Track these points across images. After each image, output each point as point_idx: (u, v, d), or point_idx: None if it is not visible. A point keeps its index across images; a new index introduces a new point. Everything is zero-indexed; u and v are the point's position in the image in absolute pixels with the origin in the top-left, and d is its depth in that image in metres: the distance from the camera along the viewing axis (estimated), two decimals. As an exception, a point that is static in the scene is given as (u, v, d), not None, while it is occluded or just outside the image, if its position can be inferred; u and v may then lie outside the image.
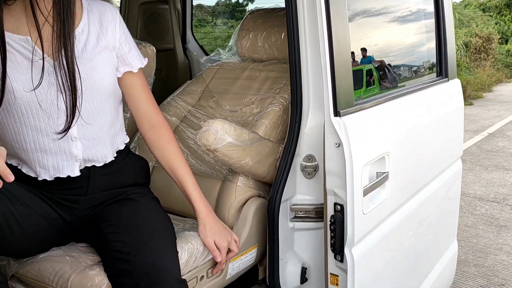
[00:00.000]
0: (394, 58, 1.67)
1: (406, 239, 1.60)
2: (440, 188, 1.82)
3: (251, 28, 1.80)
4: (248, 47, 1.80)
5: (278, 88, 1.69)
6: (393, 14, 1.69)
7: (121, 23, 1.26)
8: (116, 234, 1.13)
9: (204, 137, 1.28)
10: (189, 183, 1.27)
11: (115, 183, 1.28)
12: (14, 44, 1.11)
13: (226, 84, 1.81)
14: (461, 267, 2.60)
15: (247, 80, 1.79)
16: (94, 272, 1.11)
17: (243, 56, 1.86)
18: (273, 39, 1.75)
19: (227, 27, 10.52)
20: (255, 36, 1.78)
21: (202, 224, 1.26)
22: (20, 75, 1.10)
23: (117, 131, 1.30)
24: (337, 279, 1.33)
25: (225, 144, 1.30)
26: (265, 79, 1.76)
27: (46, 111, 1.13)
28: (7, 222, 1.07)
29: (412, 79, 1.79)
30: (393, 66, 1.67)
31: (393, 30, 1.69)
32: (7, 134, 1.17)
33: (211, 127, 1.28)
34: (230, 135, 1.31)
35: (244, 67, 1.84)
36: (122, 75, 1.26)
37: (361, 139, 1.30)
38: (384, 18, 1.64)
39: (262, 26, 1.78)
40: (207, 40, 8.80)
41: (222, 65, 1.88)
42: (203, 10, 10.13)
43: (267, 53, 1.78)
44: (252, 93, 1.73)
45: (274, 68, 1.77)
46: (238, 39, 1.83)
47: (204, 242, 1.25)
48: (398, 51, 1.71)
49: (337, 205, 1.27)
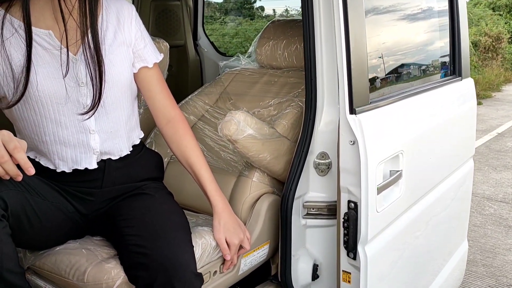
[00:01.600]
0: (409, 56, 1.67)
1: (418, 238, 1.60)
2: (452, 187, 1.81)
3: (271, 37, 1.83)
4: (268, 54, 1.84)
5: (296, 93, 1.70)
6: (409, 12, 1.68)
7: (137, 20, 1.28)
8: (132, 227, 1.14)
9: (226, 127, 1.29)
10: (205, 177, 1.28)
11: (129, 176, 1.29)
12: (36, 37, 1.12)
13: (244, 88, 1.84)
14: (469, 267, 2.59)
15: (266, 85, 1.82)
16: (110, 265, 1.12)
17: (261, 63, 1.89)
18: (292, 47, 1.78)
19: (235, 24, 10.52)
20: (275, 44, 1.82)
21: (217, 219, 1.26)
22: (41, 68, 1.12)
23: (133, 125, 1.31)
24: (349, 276, 1.33)
25: (246, 135, 1.31)
26: (283, 84, 1.78)
27: (67, 104, 1.15)
28: (26, 214, 1.09)
29: (426, 77, 1.78)
30: (407, 64, 1.66)
31: (408, 29, 1.68)
32: (27, 127, 1.18)
33: (234, 117, 1.30)
34: (251, 127, 1.32)
35: (263, 73, 1.87)
36: (138, 70, 1.28)
37: (376, 137, 1.30)
38: (400, 16, 1.64)
39: (283, 35, 1.81)
40: (215, 37, 8.80)
41: (240, 71, 1.92)
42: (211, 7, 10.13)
43: (286, 61, 1.81)
44: (270, 96, 1.75)
45: (293, 74, 1.79)
46: (258, 46, 1.87)
47: (216, 238, 1.25)
48: (413, 49, 1.70)
49: (350, 203, 1.27)
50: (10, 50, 1.10)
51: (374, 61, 1.43)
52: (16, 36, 1.11)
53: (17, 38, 1.11)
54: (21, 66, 1.10)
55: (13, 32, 1.11)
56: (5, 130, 0.96)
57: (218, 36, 9.11)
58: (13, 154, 0.93)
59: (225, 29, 9.90)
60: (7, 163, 0.93)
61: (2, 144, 0.93)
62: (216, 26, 9.97)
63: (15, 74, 1.11)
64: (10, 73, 1.11)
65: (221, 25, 10.22)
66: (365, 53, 1.29)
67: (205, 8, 2.98)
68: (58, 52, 1.13)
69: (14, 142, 0.93)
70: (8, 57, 1.10)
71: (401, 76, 1.62)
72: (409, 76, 1.66)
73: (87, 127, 1.19)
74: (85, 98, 1.16)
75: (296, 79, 1.75)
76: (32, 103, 1.13)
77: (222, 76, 1.92)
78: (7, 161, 0.93)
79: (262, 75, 1.86)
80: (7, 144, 0.93)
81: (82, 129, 1.18)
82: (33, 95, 1.12)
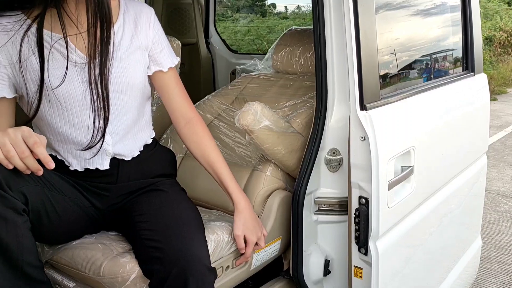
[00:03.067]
0: (420, 52, 1.66)
1: (430, 234, 1.60)
2: (464, 183, 1.80)
3: (288, 44, 1.88)
4: (284, 61, 1.88)
5: (311, 94, 1.72)
6: (419, 7, 1.67)
7: (155, 24, 1.29)
8: (146, 222, 1.16)
9: (243, 117, 1.31)
10: (226, 175, 1.30)
11: (143, 172, 1.31)
12: (50, 40, 1.14)
13: (260, 90, 1.88)
14: (483, 264, 2.57)
15: (281, 88, 1.85)
16: (125, 260, 1.14)
17: (277, 69, 1.93)
18: (308, 54, 1.83)
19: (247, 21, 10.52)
20: (291, 51, 1.87)
21: (238, 216, 1.28)
22: (55, 71, 1.14)
23: (144, 126, 1.33)
24: (361, 271, 1.34)
25: (262, 126, 1.33)
26: (299, 88, 1.81)
27: (79, 106, 1.17)
28: (45, 209, 1.11)
29: (438, 73, 1.78)
30: (419, 60, 1.66)
31: (419, 24, 1.68)
32: (43, 127, 1.21)
33: (251, 108, 1.32)
34: (268, 119, 1.34)
35: (279, 77, 1.91)
36: (152, 73, 1.30)
37: (387, 133, 1.30)
38: (410, 11, 1.63)
39: (299, 42, 1.86)
40: (227, 35, 8.82)
41: (257, 75, 1.95)
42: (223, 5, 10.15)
43: (302, 66, 1.85)
44: (285, 98, 1.78)
45: (308, 79, 1.83)
46: (275, 53, 1.91)
47: (235, 234, 1.27)
48: (424, 45, 1.69)
49: (362, 198, 1.28)
50: (29, 56, 1.13)
51: (385, 57, 1.43)
52: (35, 45, 1.13)
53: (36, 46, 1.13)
54: (36, 70, 1.13)
55: (35, 41, 1.13)
56: (25, 126, 0.99)
57: (230, 34, 9.13)
58: (33, 149, 0.95)
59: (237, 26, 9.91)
60: (28, 158, 0.96)
61: (23, 140, 0.95)
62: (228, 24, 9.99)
63: (32, 78, 1.14)
64: (25, 76, 1.13)
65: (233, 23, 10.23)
66: (375, 49, 1.30)
67: (217, 6, 3.01)
68: (72, 56, 1.15)
69: (34, 137, 0.96)
70: (28, 63, 1.13)
71: (413, 71, 1.62)
72: (421, 71, 1.66)
73: (99, 129, 1.21)
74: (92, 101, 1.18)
75: (312, 83, 1.77)
76: (48, 104, 1.16)
77: (239, 79, 1.97)
78: (28, 156, 0.95)
79: (278, 79, 1.89)
80: (27, 140, 0.95)
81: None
82: (48, 97, 1.15)
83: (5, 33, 1.12)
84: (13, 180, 1.01)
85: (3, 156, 0.95)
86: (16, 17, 1.13)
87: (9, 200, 0.99)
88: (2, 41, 1.11)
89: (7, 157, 0.95)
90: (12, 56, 1.13)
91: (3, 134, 0.96)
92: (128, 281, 1.12)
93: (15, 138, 0.95)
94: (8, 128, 0.97)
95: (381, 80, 1.36)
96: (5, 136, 0.95)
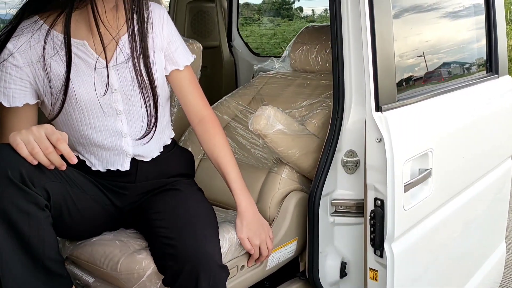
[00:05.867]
0: (441, 54, 1.64)
1: (449, 238, 1.57)
2: (488, 187, 1.77)
3: (305, 41, 1.87)
4: (301, 59, 1.87)
5: (328, 94, 1.72)
6: (440, 8, 1.65)
7: (168, 23, 1.31)
8: (162, 220, 1.18)
9: (256, 122, 1.32)
10: (231, 175, 1.31)
11: (161, 172, 1.34)
12: (73, 48, 1.17)
13: (277, 90, 1.88)
14: (509, 270, 2.50)
15: (298, 87, 1.85)
16: (141, 256, 1.17)
17: (295, 68, 1.93)
18: (325, 51, 1.81)
19: (273, 25, 10.54)
20: (309, 49, 1.86)
21: (239, 218, 1.29)
22: (78, 77, 1.18)
23: (164, 127, 1.36)
24: (376, 274, 1.33)
25: (275, 130, 1.34)
26: (316, 87, 1.81)
27: (100, 109, 1.21)
28: (66, 205, 1.15)
29: (460, 75, 1.75)
30: (440, 62, 1.64)
31: (440, 25, 1.66)
32: (66, 130, 1.25)
33: (264, 112, 1.33)
34: (281, 122, 1.35)
35: (296, 76, 1.91)
36: (169, 73, 1.33)
37: (404, 135, 1.29)
38: (431, 12, 1.62)
39: (316, 40, 1.85)
40: (252, 38, 8.86)
41: (274, 74, 1.96)
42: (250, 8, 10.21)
43: (319, 65, 1.84)
44: (302, 98, 1.78)
45: (326, 77, 1.82)
46: (292, 51, 1.90)
47: (238, 237, 1.28)
48: (446, 47, 1.67)
49: (377, 200, 1.27)
50: (52, 63, 1.17)
51: (403, 59, 1.43)
52: (56, 49, 1.17)
53: (57, 50, 1.17)
54: (60, 76, 1.17)
55: (55, 46, 1.17)
56: (48, 124, 1.03)
57: (256, 37, 9.16)
58: (56, 145, 0.99)
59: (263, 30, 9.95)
60: (51, 154, 0.99)
61: (46, 137, 0.99)
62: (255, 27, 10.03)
63: (55, 84, 1.17)
64: (50, 83, 1.18)
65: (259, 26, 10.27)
66: (392, 51, 1.29)
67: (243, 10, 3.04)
68: (92, 61, 1.19)
69: (56, 134, 1.00)
70: (49, 68, 1.17)
71: (433, 73, 1.60)
72: (442, 73, 1.63)
73: (120, 131, 1.25)
74: (117, 103, 1.22)
75: (329, 81, 1.76)
76: (69, 109, 1.20)
77: (256, 79, 1.97)
78: (51, 152, 0.99)
79: (295, 78, 1.89)
80: (50, 137, 0.99)
81: (115, 132, 1.24)
82: (70, 102, 1.19)
83: (26, 37, 1.15)
84: (36, 177, 1.05)
85: (28, 153, 0.99)
86: (36, 22, 1.17)
87: (32, 196, 1.03)
88: (24, 46, 1.15)
89: (32, 154, 0.99)
90: (32, 61, 1.16)
91: (27, 132, 1.00)
92: (143, 277, 1.14)
93: (39, 135, 0.99)
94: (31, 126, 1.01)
95: (399, 82, 1.35)
96: (29, 134, 0.99)
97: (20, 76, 1.17)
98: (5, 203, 0.99)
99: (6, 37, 1.16)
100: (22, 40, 1.16)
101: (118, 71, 1.21)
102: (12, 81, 1.16)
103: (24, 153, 0.99)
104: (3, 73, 1.16)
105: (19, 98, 1.18)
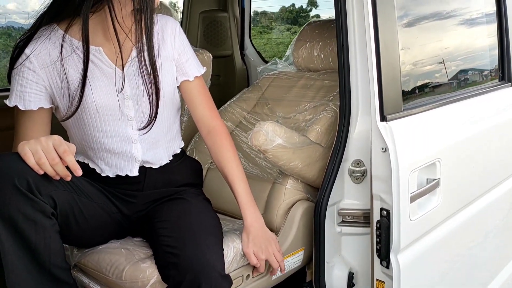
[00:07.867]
0: (450, 63, 1.62)
1: (460, 249, 1.54)
2: (501, 197, 1.73)
3: (307, 39, 1.84)
4: (305, 57, 1.85)
5: (331, 96, 1.70)
6: (449, 17, 1.64)
7: (180, 35, 1.34)
8: (166, 229, 1.20)
9: (255, 138, 1.33)
10: (238, 189, 1.31)
11: (169, 181, 1.35)
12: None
13: (281, 92, 1.86)
14: (528, 283, 2.44)
15: (302, 89, 1.83)
16: (145, 265, 1.18)
17: (299, 66, 1.90)
18: (328, 49, 1.78)
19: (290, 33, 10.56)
20: (311, 46, 1.83)
21: (245, 233, 1.29)
22: (92, 83, 1.21)
23: (174, 136, 1.38)
24: (383, 285, 1.31)
25: (275, 145, 1.34)
26: (319, 88, 1.79)
27: (112, 115, 1.24)
28: (73, 213, 1.17)
29: (471, 83, 1.73)
30: (449, 70, 1.62)
31: (450, 33, 1.64)
32: (78, 134, 1.28)
33: (262, 128, 1.33)
34: (280, 137, 1.35)
35: (300, 76, 1.88)
36: (179, 83, 1.35)
37: (409, 145, 1.28)
38: (440, 21, 1.60)
39: (319, 37, 1.82)
40: (269, 46, 8.89)
41: (278, 74, 1.94)
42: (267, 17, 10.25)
43: (322, 63, 1.82)
44: (306, 100, 1.76)
45: (329, 77, 1.79)
46: (295, 49, 1.88)
47: (244, 251, 1.28)
48: (455, 56, 1.65)
49: (383, 210, 1.26)
50: (68, 68, 1.20)
51: (410, 68, 1.42)
52: (73, 55, 1.20)
53: (74, 56, 1.21)
54: (76, 82, 1.20)
55: (71, 51, 1.20)
56: (56, 135, 1.05)
57: (272, 46, 9.19)
58: (63, 157, 1.02)
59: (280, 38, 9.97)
60: (57, 165, 1.02)
61: (53, 148, 1.02)
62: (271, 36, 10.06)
63: (70, 89, 1.21)
64: (66, 89, 1.21)
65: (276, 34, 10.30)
66: (397, 60, 1.28)
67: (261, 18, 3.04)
68: (107, 68, 1.22)
69: (63, 146, 1.02)
70: (65, 73, 1.20)
71: (442, 82, 1.58)
72: (451, 82, 1.62)
73: (130, 137, 1.27)
74: (128, 109, 1.25)
75: (332, 81, 1.75)
76: (82, 114, 1.23)
77: (260, 81, 1.95)
78: (57, 163, 1.02)
79: (299, 79, 1.87)
80: (57, 148, 1.02)
81: (126, 138, 1.27)
82: (83, 107, 1.22)
83: (43, 43, 1.19)
84: (43, 185, 1.07)
85: (35, 162, 1.02)
86: (53, 28, 1.21)
87: (38, 204, 1.05)
88: (40, 51, 1.19)
89: (39, 164, 1.02)
90: (48, 66, 1.19)
91: (35, 142, 1.02)
92: (147, 286, 1.15)
93: (47, 146, 1.01)
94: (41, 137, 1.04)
95: (405, 92, 1.34)
96: (38, 144, 1.02)
97: (36, 80, 1.20)
98: (12, 211, 1.01)
99: (24, 43, 1.21)
100: (39, 45, 1.20)
101: (131, 78, 1.24)
102: (28, 85, 1.20)
103: (31, 162, 1.02)
104: (19, 77, 1.20)
105: (34, 102, 1.21)
